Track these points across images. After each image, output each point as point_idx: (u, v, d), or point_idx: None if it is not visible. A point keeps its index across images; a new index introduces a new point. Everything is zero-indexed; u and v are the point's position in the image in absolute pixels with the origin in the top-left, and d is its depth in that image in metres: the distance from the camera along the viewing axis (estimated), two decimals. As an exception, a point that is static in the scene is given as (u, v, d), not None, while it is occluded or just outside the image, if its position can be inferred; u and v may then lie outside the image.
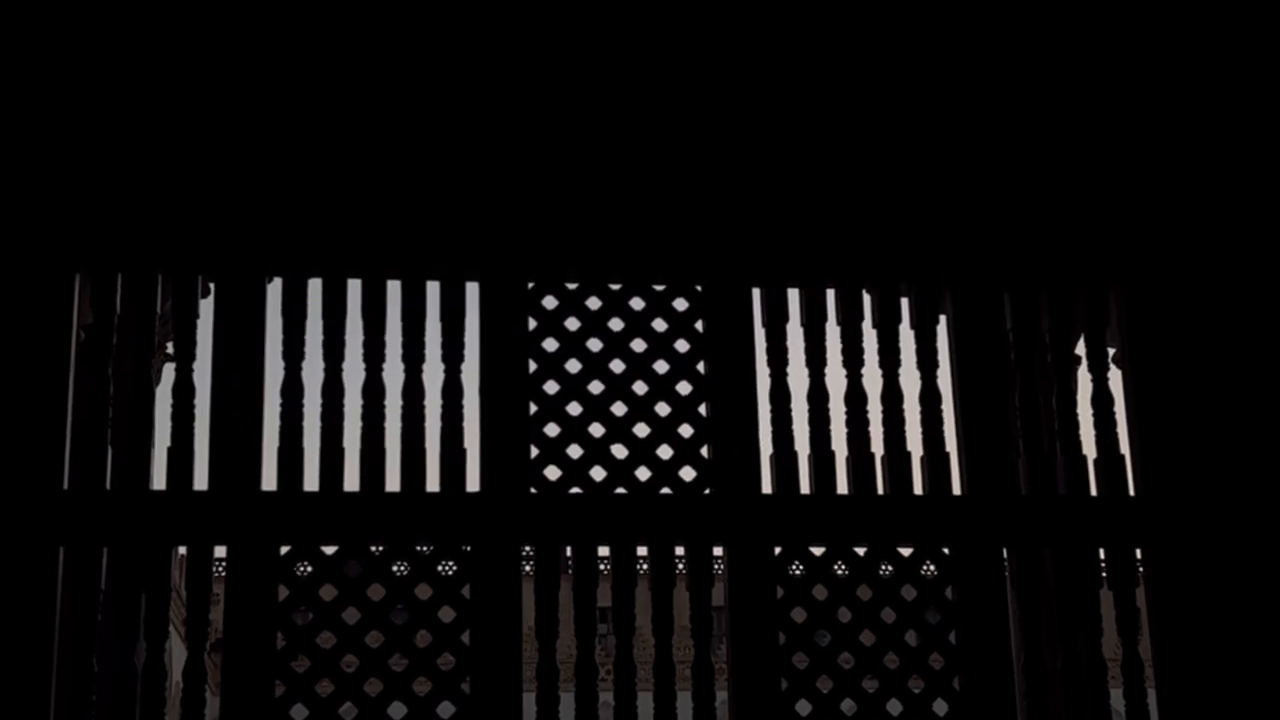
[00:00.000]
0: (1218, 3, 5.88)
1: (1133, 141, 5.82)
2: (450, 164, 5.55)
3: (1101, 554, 5.56)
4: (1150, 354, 5.68)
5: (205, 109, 5.46)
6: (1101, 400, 5.69)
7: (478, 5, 5.61)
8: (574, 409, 5.49)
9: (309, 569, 5.27)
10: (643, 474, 5.46)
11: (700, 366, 5.58)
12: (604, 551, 5.43)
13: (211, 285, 5.46)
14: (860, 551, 5.47)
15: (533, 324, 5.53)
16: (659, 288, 5.65)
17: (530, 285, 5.56)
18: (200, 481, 5.26)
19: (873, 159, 5.72)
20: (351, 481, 5.32)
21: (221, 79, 5.48)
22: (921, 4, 5.83)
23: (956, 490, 5.54)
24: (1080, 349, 5.88)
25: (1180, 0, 5.88)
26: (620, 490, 5.43)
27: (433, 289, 5.55)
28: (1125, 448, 5.65)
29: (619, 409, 5.52)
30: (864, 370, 5.65)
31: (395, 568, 5.31)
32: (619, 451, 5.48)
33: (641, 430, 5.51)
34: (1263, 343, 5.65)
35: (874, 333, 5.71)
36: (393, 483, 5.33)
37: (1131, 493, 5.60)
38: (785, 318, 5.66)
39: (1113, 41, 5.86)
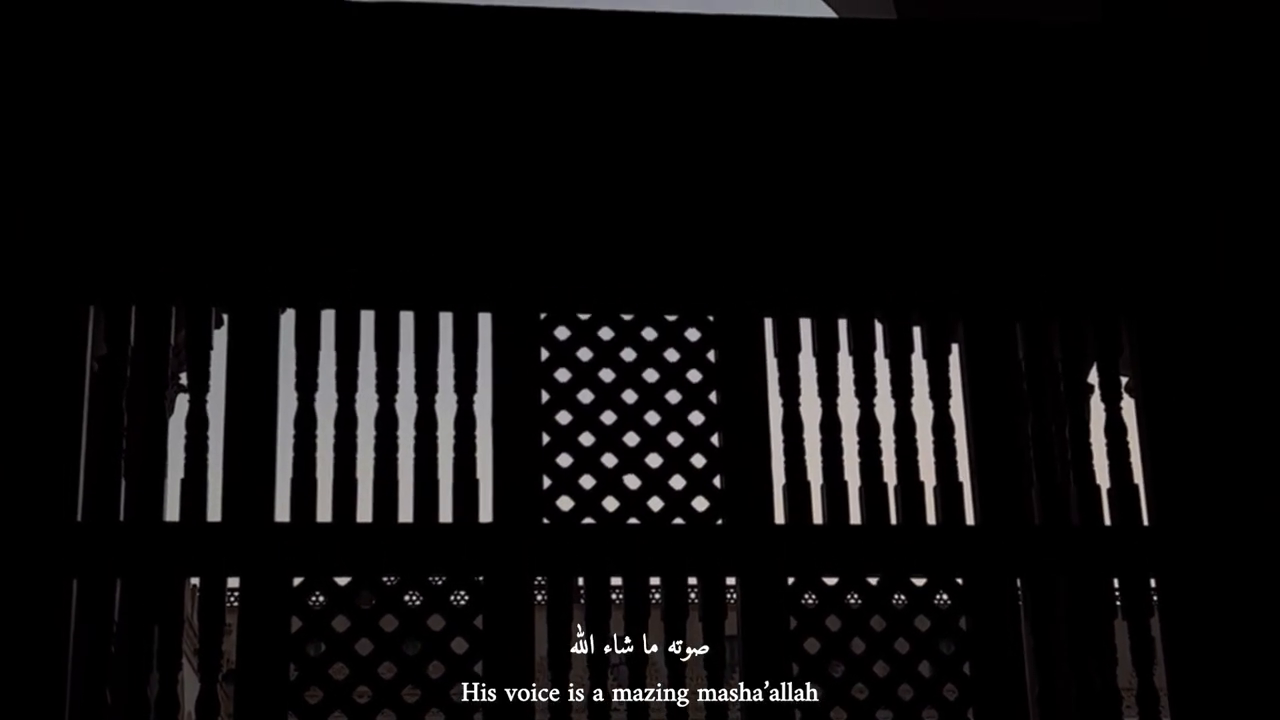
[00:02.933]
0: (1222, 35, 5.89)
1: (1144, 170, 5.82)
2: (462, 195, 5.57)
3: (1116, 584, 5.54)
4: (1163, 382, 5.67)
5: (219, 142, 5.48)
6: (1114, 429, 5.68)
7: (488, 42, 5.63)
8: (586, 439, 5.49)
9: (322, 600, 5.26)
10: (655, 504, 5.45)
11: (712, 396, 5.58)
12: (616, 581, 5.43)
13: (225, 316, 5.47)
14: (873, 582, 5.46)
15: (545, 355, 5.54)
16: (671, 318, 5.65)
17: (542, 316, 5.56)
18: (213, 513, 5.26)
19: (884, 189, 5.73)
20: (364, 513, 5.33)
21: (234, 113, 5.50)
22: (929, 33, 5.85)
23: (970, 520, 5.53)
24: (1093, 378, 5.87)
25: (1187, 32, 5.90)
26: (633, 521, 5.43)
27: (445, 320, 5.56)
28: (1139, 477, 5.64)
29: (631, 439, 5.52)
30: (876, 400, 5.65)
31: (408, 599, 5.30)
32: (631, 482, 5.48)
33: (654, 461, 5.51)
34: (1276, 371, 5.64)
35: (886, 362, 5.71)
36: (405, 514, 5.33)
37: (1145, 522, 5.59)
38: (797, 348, 5.65)
39: (1124, 71, 5.87)
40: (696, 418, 5.56)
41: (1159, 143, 5.84)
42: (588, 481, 5.44)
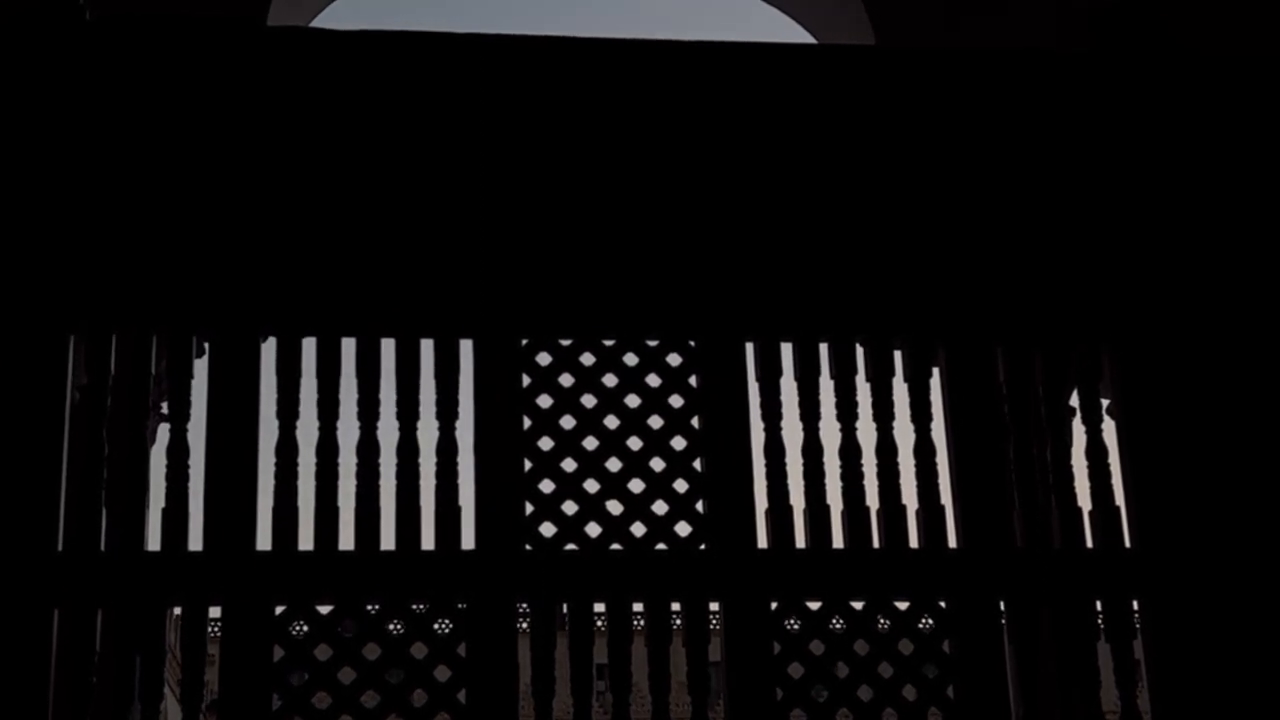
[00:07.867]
0: (1205, 68, 5.93)
1: (1124, 195, 5.85)
2: (443, 222, 5.57)
3: (1098, 606, 5.55)
4: (1144, 405, 5.69)
5: (199, 171, 5.48)
6: (1096, 452, 5.69)
7: (469, 70, 5.64)
8: (568, 465, 5.48)
9: (304, 629, 5.25)
10: (638, 530, 5.45)
11: (694, 421, 5.58)
12: (600, 608, 5.42)
13: (206, 345, 5.47)
14: (857, 606, 5.45)
15: (526, 381, 5.54)
16: (652, 343, 5.65)
17: (524, 342, 5.56)
18: (195, 542, 5.24)
19: (865, 214, 5.74)
20: (346, 540, 5.31)
21: (215, 143, 5.50)
22: (912, 60, 5.87)
23: (952, 543, 5.53)
24: (1074, 401, 5.88)
25: (1173, 63, 5.93)
26: (616, 546, 5.42)
27: (426, 347, 5.55)
28: (1120, 499, 5.66)
29: (613, 465, 5.52)
30: (858, 424, 5.66)
31: (391, 627, 5.29)
32: (614, 508, 5.47)
33: (636, 486, 5.50)
34: (1256, 394, 5.66)
35: (868, 386, 5.71)
36: (388, 541, 5.32)
37: (1127, 544, 5.60)
38: (779, 372, 5.66)
39: (1105, 100, 5.90)
40: (679, 443, 5.56)
41: (1139, 169, 5.87)
42: (570, 507, 5.44)
